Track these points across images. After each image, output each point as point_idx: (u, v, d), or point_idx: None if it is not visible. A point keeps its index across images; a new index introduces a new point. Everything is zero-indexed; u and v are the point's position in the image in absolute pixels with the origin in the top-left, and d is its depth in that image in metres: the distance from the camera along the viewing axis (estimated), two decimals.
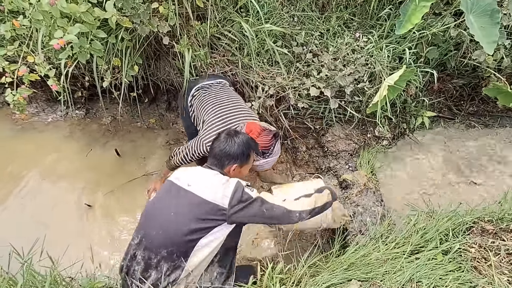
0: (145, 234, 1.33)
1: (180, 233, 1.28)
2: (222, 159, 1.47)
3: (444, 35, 2.35)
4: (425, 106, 2.53)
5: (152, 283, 1.30)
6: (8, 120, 2.83)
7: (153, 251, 1.30)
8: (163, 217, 1.33)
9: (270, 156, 1.75)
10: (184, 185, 1.37)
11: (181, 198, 1.34)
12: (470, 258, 1.47)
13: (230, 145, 1.47)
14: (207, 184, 1.36)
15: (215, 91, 2.05)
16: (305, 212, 1.44)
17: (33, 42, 2.07)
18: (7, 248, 1.51)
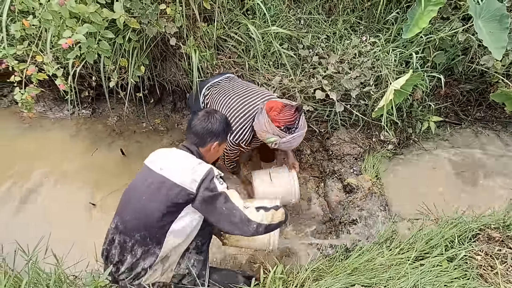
0: (120, 218, 1.35)
1: (151, 217, 1.28)
2: (205, 136, 1.44)
3: (452, 40, 2.33)
4: (431, 111, 2.51)
5: (127, 266, 1.32)
6: (15, 118, 2.86)
7: (127, 234, 1.32)
8: (136, 201, 1.33)
9: (297, 130, 1.67)
10: (157, 169, 1.36)
11: (152, 182, 1.32)
12: (476, 266, 1.45)
13: (212, 122, 1.45)
14: (178, 168, 1.34)
15: (225, 86, 2.03)
16: (262, 226, 1.34)
17: (42, 41, 2.09)
18: (12, 245, 1.53)
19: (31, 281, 1.27)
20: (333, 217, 2.30)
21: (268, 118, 1.64)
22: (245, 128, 1.80)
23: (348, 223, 2.09)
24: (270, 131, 1.65)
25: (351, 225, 2.06)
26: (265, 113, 1.66)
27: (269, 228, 1.37)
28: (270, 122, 1.64)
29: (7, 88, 2.93)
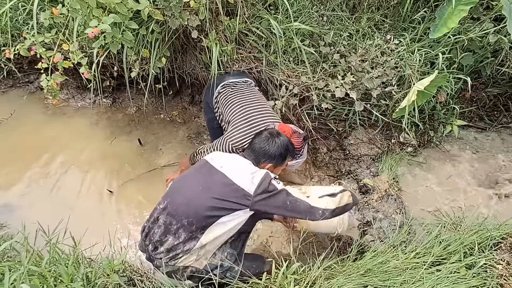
0: (171, 201, 1.42)
1: (203, 207, 1.35)
2: (259, 156, 1.52)
3: (482, 41, 2.24)
4: (455, 114, 2.43)
5: (167, 247, 1.38)
6: (41, 105, 2.96)
7: (175, 217, 1.37)
8: (191, 189, 1.40)
9: (300, 157, 1.79)
10: (217, 165, 1.45)
11: (211, 176, 1.41)
12: (497, 275, 1.40)
13: (270, 145, 1.53)
14: (238, 169, 1.43)
15: (241, 91, 2.07)
16: (328, 210, 1.44)
17: (69, 30, 2.15)
18: (34, 226, 1.59)
19: (51, 260, 1.31)
20: None
21: None
22: (246, 139, 1.85)
23: (363, 224, 2.06)
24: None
25: (365, 226, 2.03)
26: None
27: (336, 212, 1.47)
28: None
29: (34, 74, 3.04)
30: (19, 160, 2.53)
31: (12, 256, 1.60)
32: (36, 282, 1.11)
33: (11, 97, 3.00)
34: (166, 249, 1.38)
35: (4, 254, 1.55)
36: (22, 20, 2.56)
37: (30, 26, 2.38)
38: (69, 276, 1.16)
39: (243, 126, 1.87)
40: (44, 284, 1.15)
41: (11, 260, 1.48)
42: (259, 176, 1.39)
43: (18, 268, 1.20)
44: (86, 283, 1.22)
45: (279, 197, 1.39)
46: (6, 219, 2.15)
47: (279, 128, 1.77)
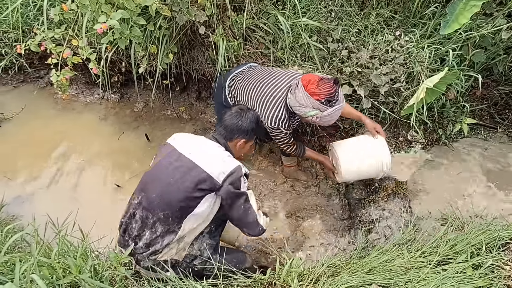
0: (145, 195, 1.39)
1: (177, 198, 1.33)
2: (233, 131, 1.52)
3: (494, 38, 2.19)
4: (465, 112, 2.38)
5: (145, 242, 1.38)
6: (50, 100, 3.01)
7: (150, 211, 1.36)
8: (163, 181, 1.37)
9: (337, 103, 1.66)
10: (186, 152, 1.41)
11: (181, 165, 1.37)
12: (504, 276, 1.38)
13: (243, 120, 1.52)
14: (208, 155, 1.40)
15: (248, 75, 1.99)
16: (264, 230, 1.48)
17: (78, 26, 2.17)
18: (44, 218, 1.62)
19: (60, 252, 1.34)
20: (352, 215, 2.26)
21: (306, 92, 1.62)
22: (279, 111, 1.77)
23: (368, 222, 2.05)
24: (310, 105, 1.63)
25: (370, 224, 2.02)
26: (302, 88, 1.64)
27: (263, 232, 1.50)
28: (309, 96, 1.62)
29: (44, 70, 3.08)
30: (29, 154, 2.58)
31: (22, 247, 1.64)
32: (45, 273, 1.14)
33: (22, 92, 3.06)
34: (145, 244, 1.38)
35: (15, 246, 1.59)
36: (32, 16, 2.60)
37: (41, 22, 2.42)
38: (77, 268, 1.19)
39: (267, 104, 1.77)
40: (53, 275, 1.17)
41: (21, 251, 1.52)
42: (231, 166, 1.37)
43: (28, 259, 1.23)
44: (94, 275, 1.24)
45: (239, 198, 1.40)
46: (17, 211, 2.21)
47: (303, 78, 1.68)
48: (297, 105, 1.68)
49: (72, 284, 1.23)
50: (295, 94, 1.68)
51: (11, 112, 2.82)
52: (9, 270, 1.22)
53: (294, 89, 1.70)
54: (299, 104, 1.67)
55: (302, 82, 1.66)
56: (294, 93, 1.69)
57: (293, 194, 2.45)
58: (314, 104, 1.63)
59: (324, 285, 1.36)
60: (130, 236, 1.41)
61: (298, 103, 1.67)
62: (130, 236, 1.41)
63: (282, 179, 2.54)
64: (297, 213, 2.32)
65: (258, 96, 1.82)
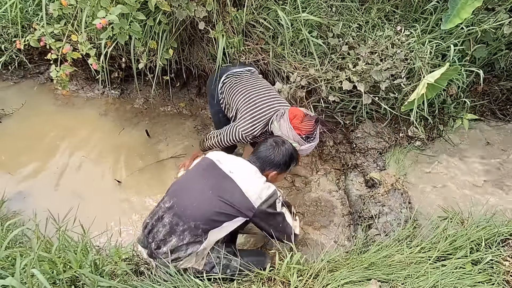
0: (178, 201, 1.41)
1: (211, 211, 1.37)
2: (265, 164, 1.57)
3: (496, 33, 2.17)
4: (466, 108, 2.37)
5: (171, 248, 1.38)
6: (51, 95, 3.01)
7: (182, 219, 1.38)
8: (200, 191, 1.41)
9: (313, 140, 1.78)
10: (226, 170, 1.46)
11: (221, 181, 1.43)
12: (503, 272, 1.38)
13: (276, 154, 1.58)
14: (248, 178, 1.46)
15: (245, 78, 2.04)
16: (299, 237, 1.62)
17: (78, 21, 2.16)
18: (44, 214, 1.63)
19: (60, 247, 1.35)
20: (352, 211, 2.26)
21: (290, 125, 1.72)
22: (257, 126, 1.85)
23: (368, 218, 2.05)
24: (292, 138, 1.73)
25: (370, 220, 2.02)
26: (288, 120, 1.74)
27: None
28: (292, 129, 1.72)
29: (44, 65, 3.08)
30: (30, 150, 2.59)
31: (24, 242, 1.65)
32: (46, 267, 1.15)
33: (23, 87, 3.06)
34: (169, 250, 1.38)
35: (16, 241, 1.60)
36: (32, 11, 2.59)
37: (40, 17, 2.41)
38: (77, 263, 1.20)
39: (253, 114, 1.84)
40: (53, 269, 1.18)
41: (23, 246, 1.53)
42: (268, 192, 1.44)
43: (29, 254, 1.24)
44: (94, 270, 1.25)
45: (277, 218, 1.49)
46: (19, 207, 2.22)
47: (290, 111, 1.76)
48: (279, 133, 1.77)
49: (73, 278, 1.24)
50: (279, 123, 1.77)
51: (11, 108, 2.82)
52: (10, 265, 1.23)
53: (279, 117, 1.78)
54: (281, 133, 1.76)
55: (289, 115, 1.75)
56: (279, 122, 1.78)
57: (293, 190, 2.46)
58: (296, 138, 1.72)
59: (323, 280, 1.37)
60: (154, 239, 1.41)
61: (281, 132, 1.76)
62: (154, 239, 1.41)
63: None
64: (297, 208, 2.32)
65: (245, 104, 1.88)
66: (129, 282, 1.33)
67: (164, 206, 1.44)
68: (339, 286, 1.32)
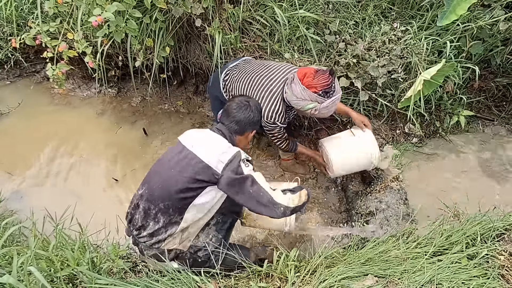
0: (148, 186, 1.42)
1: (176, 189, 1.34)
2: (246, 125, 1.52)
3: (492, 29, 2.18)
4: (462, 104, 2.38)
5: (149, 232, 1.39)
6: (47, 94, 3.00)
7: (152, 202, 1.38)
8: (164, 172, 1.40)
9: (334, 94, 1.67)
10: (189, 145, 1.42)
11: (183, 157, 1.39)
12: (498, 266, 1.39)
13: (253, 111, 1.53)
14: (208, 147, 1.40)
15: (244, 67, 2.00)
16: (289, 209, 1.38)
17: (73, 19, 2.15)
18: (42, 212, 1.63)
19: (58, 245, 1.35)
20: (349, 207, 2.27)
21: (303, 86, 1.62)
22: (275, 104, 1.77)
23: (365, 214, 2.06)
24: (308, 98, 1.63)
25: (367, 216, 2.03)
26: (298, 81, 1.64)
27: (295, 210, 1.42)
28: (306, 89, 1.62)
29: (40, 64, 3.07)
30: (27, 148, 2.58)
31: (21, 241, 1.65)
32: (43, 265, 1.15)
33: (19, 86, 3.05)
34: (148, 234, 1.40)
35: (14, 239, 1.60)
36: (27, 9, 2.57)
37: (35, 15, 2.39)
38: (75, 260, 1.20)
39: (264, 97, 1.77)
40: (51, 267, 1.18)
41: (20, 245, 1.53)
42: (229, 154, 1.35)
43: (26, 252, 1.24)
44: (92, 267, 1.25)
45: (244, 182, 1.33)
46: (16, 206, 2.22)
47: (298, 72, 1.68)
48: (294, 98, 1.69)
49: (70, 276, 1.25)
50: (291, 88, 1.68)
51: (8, 107, 2.81)
52: (7, 263, 1.23)
53: (290, 83, 1.70)
54: (296, 98, 1.68)
55: (298, 76, 1.66)
56: (290, 87, 1.69)
57: None
58: (312, 97, 1.63)
59: (320, 276, 1.37)
60: (134, 226, 1.44)
61: (296, 97, 1.67)
62: (134, 226, 1.44)
63: (280, 172, 2.54)
64: None
65: (254, 90, 1.82)
66: (126, 280, 1.33)
67: (138, 193, 1.45)
68: (336, 282, 1.33)
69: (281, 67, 1.86)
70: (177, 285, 1.29)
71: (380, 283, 1.35)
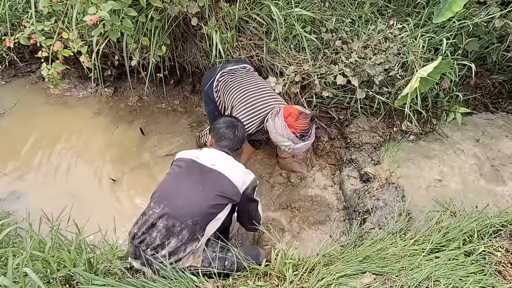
0: (169, 204, 1.40)
1: (206, 205, 1.40)
2: (238, 142, 1.65)
3: (487, 26, 2.19)
4: (458, 101, 2.39)
5: (170, 250, 1.36)
6: (43, 94, 2.97)
7: (178, 219, 1.38)
8: (190, 189, 1.43)
9: (309, 139, 1.79)
10: (208, 164, 1.49)
11: (207, 175, 1.46)
12: (495, 262, 1.40)
13: (242, 129, 1.68)
14: (230, 167, 1.51)
15: (240, 76, 2.05)
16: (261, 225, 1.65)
17: (68, 18, 2.14)
18: (38, 213, 1.62)
19: (54, 246, 1.34)
20: (347, 205, 2.28)
21: (285, 123, 1.74)
22: (253, 124, 1.87)
23: (363, 212, 2.06)
24: (286, 136, 1.75)
25: (365, 214, 2.04)
26: (282, 118, 1.75)
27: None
28: (286, 127, 1.74)
29: (35, 64, 3.04)
30: (23, 149, 2.56)
31: (17, 242, 1.64)
32: (39, 266, 1.14)
33: (14, 87, 3.02)
34: (168, 252, 1.36)
35: (10, 241, 1.59)
36: (21, 8, 2.55)
37: (30, 14, 2.37)
38: (71, 261, 1.19)
39: (248, 112, 1.86)
40: (47, 268, 1.18)
41: (16, 246, 1.52)
42: (250, 178, 1.53)
43: (21, 253, 1.23)
44: (89, 268, 1.24)
45: (253, 205, 1.60)
46: (12, 207, 2.20)
47: (284, 109, 1.78)
48: (273, 131, 1.79)
49: (67, 277, 1.24)
50: (274, 121, 1.78)
51: (3, 108, 2.79)
52: (2, 265, 1.22)
53: (274, 115, 1.80)
54: (275, 132, 1.78)
55: (283, 113, 1.76)
56: (273, 120, 1.79)
57: (288, 186, 2.46)
58: (290, 136, 1.75)
59: (318, 274, 1.37)
60: (149, 246, 1.38)
61: (275, 131, 1.78)
62: (149, 246, 1.38)
63: (278, 171, 2.54)
64: (293, 204, 2.33)
65: (240, 101, 1.90)
66: (124, 280, 1.33)
67: (154, 212, 1.40)
68: (334, 280, 1.33)
69: (273, 95, 1.96)
70: (175, 285, 1.29)
71: (378, 280, 1.35)
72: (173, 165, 1.57)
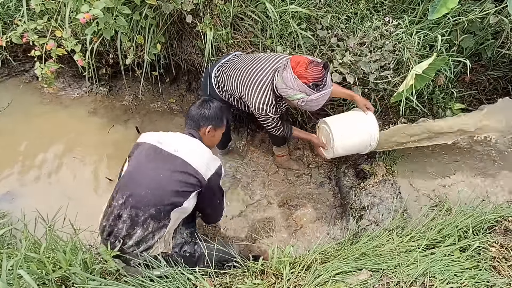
0: (132, 193, 1.37)
1: (168, 193, 1.36)
2: (198, 120, 1.55)
3: (482, 22, 2.19)
4: (454, 98, 2.40)
5: (137, 240, 1.37)
6: (37, 93, 2.94)
7: (141, 209, 1.35)
8: (151, 177, 1.38)
9: (324, 88, 1.60)
10: (170, 149, 1.42)
11: (169, 161, 1.40)
12: (490, 257, 1.41)
13: (206, 108, 1.57)
14: (194, 152, 1.44)
15: (234, 62, 1.95)
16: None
17: (61, 16, 2.11)
18: (33, 214, 1.61)
19: (49, 246, 1.33)
20: (344, 202, 2.29)
21: (294, 75, 1.57)
22: (265, 96, 1.74)
23: (359, 209, 2.07)
24: (297, 88, 1.58)
25: (362, 211, 2.05)
26: (290, 69, 1.58)
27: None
28: (296, 79, 1.57)
29: (29, 63, 3.00)
30: (18, 149, 2.54)
31: (12, 243, 1.63)
32: (34, 267, 1.13)
33: (8, 86, 2.98)
34: (135, 242, 1.36)
35: (4, 242, 1.58)
36: (13, 6, 2.52)
37: (22, 12, 2.34)
38: (67, 262, 1.18)
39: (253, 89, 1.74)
40: (42, 269, 1.17)
41: (10, 247, 1.51)
42: (216, 165, 1.46)
43: (16, 254, 1.22)
44: (84, 269, 1.24)
45: (219, 194, 1.53)
46: (7, 208, 2.18)
47: (292, 59, 1.62)
48: (283, 86, 1.63)
49: (63, 278, 1.23)
50: (282, 75, 1.62)
51: None
52: None
53: (282, 70, 1.64)
54: (285, 86, 1.61)
55: (291, 63, 1.60)
56: (281, 74, 1.63)
57: (285, 183, 2.46)
58: (301, 87, 1.57)
59: (315, 272, 1.38)
60: (117, 237, 1.38)
61: (285, 85, 1.61)
62: (117, 237, 1.38)
63: (274, 168, 2.54)
64: (290, 202, 2.34)
65: (244, 83, 1.78)
66: (120, 280, 1.32)
67: (118, 203, 1.39)
68: (331, 277, 1.34)
69: (271, 57, 1.80)
70: (172, 284, 1.29)
71: (374, 277, 1.36)
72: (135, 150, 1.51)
